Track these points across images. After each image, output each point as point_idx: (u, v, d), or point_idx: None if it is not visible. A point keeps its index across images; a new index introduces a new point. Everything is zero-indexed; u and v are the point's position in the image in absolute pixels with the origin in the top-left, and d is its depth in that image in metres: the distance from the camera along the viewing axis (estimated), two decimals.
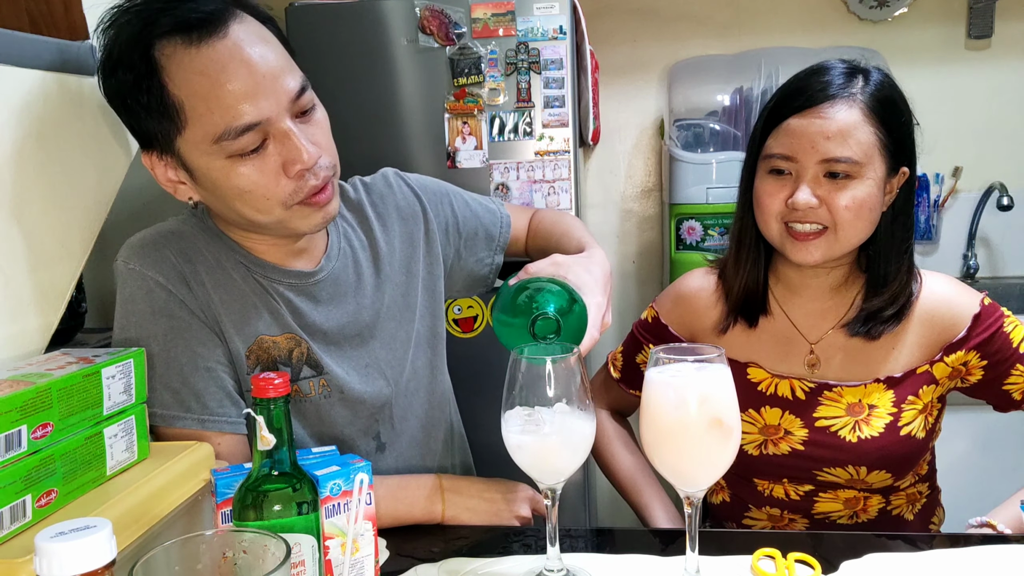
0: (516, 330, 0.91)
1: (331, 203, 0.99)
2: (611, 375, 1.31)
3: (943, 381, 1.12)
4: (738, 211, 1.18)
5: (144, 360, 0.86)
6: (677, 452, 0.81)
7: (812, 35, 2.43)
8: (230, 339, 1.00)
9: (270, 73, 0.90)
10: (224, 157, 0.91)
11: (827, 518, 1.14)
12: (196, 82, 0.88)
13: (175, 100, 0.89)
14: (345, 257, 1.11)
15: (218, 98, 0.88)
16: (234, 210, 0.96)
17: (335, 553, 0.80)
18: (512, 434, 0.82)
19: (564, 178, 1.98)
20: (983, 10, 2.36)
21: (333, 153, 0.99)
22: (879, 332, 1.11)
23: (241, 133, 0.89)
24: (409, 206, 1.20)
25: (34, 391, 0.70)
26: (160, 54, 0.88)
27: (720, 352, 0.80)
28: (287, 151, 0.92)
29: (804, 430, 1.12)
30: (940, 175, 2.44)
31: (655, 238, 2.60)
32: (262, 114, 0.89)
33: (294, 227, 0.98)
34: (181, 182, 0.98)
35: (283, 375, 0.71)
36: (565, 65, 1.95)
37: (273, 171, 0.92)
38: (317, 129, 0.97)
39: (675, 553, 0.92)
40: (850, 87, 1.06)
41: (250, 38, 0.91)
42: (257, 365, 1.02)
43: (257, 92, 0.89)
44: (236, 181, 0.92)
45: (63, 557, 0.50)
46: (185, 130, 0.90)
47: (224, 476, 0.79)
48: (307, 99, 0.95)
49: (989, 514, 1.05)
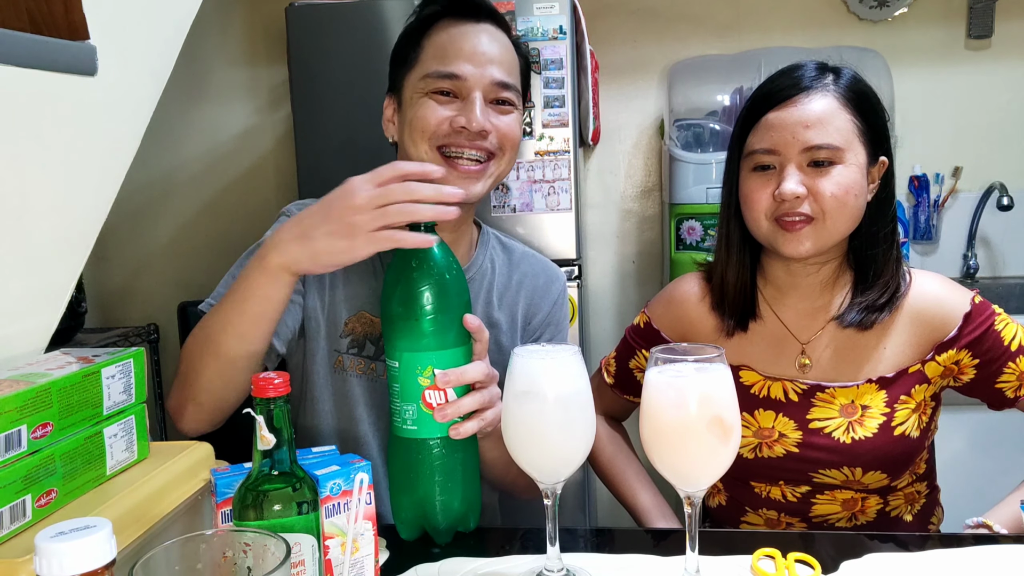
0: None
1: (473, 183, 1.12)
2: (604, 380, 1.31)
3: (935, 380, 1.12)
4: (722, 214, 1.19)
5: (144, 360, 0.86)
6: (677, 452, 0.81)
7: (812, 35, 2.43)
8: (335, 304, 1.15)
9: (486, 56, 1.12)
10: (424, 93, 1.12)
11: (825, 521, 1.14)
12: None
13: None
14: (479, 275, 1.23)
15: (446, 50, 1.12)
16: (403, 143, 1.14)
17: (335, 553, 0.80)
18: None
19: (564, 178, 1.98)
20: (983, 10, 2.36)
21: (506, 147, 1.14)
22: (871, 321, 1.11)
23: (443, 77, 1.10)
24: (536, 305, 1.27)
25: (34, 391, 0.70)
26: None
27: (720, 352, 0.80)
28: (464, 110, 1.11)
29: (798, 432, 1.12)
30: (940, 175, 2.44)
31: (655, 238, 2.60)
32: (464, 72, 1.10)
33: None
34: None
35: (283, 375, 0.71)
36: (565, 65, 1.95)
37: (443, 115, 1.10)
38: (502, 120, 1.13)
39: (675, 553, 0.92)
40: (823, 79, 1.09)
41: (495, 35, 1.15)
42: (351, 335, 1.15)
43: (472, 59, 1.11)
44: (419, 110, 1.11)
45: (63, 557, 0.50)
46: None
47: (224, 476, 0.79)
48: (508, 97, 1.14)
49: (986, 514, 1.05)
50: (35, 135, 0.90)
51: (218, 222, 2.64)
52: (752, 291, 1.18)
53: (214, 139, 2.65)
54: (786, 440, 1.12)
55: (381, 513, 1.08)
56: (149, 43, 0.98)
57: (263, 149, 2.64)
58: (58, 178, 0.93)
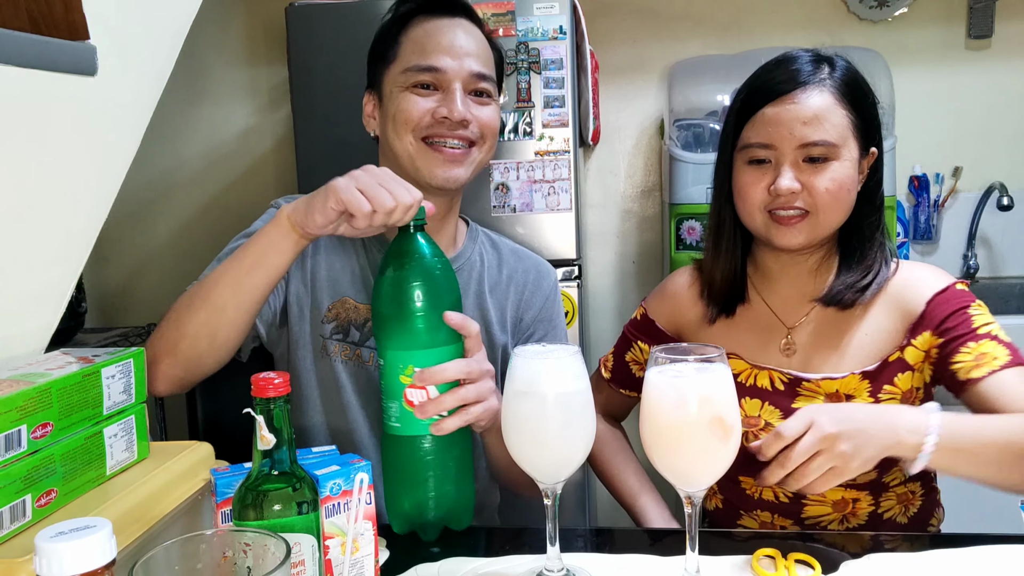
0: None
1: (456, 167, 1.16)
2: (602, 376, 1.32)
3: (919, 367, 1.10)
4: (714, 205, 1.20)
5: (144, 360, 0.86)
6: (678, 452, 0.81)
7: (812, 35, 2.43)
8: (317, 289, 1.18)
9: (463, 49, 1.16)
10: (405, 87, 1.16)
11: (818, 523, 1.14)
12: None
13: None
14: (467, 266, 1.25)
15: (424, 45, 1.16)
16: (387, 136, 1.18)
17: (335, 553, 0.80)
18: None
19: (564, 178, 1.98)
20: (983, 10, 2.36)
21: (487, 135, 1.19)
22: (851, 300, 1.11)
23: (423, 71, 1.14)
24: (527, 301, 1.28)
25: (34, 391, 0.70)
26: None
27: (720, 352, 0.80)
28: (445, 101, 1.14)
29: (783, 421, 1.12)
30: (940, 175, 2.44)
31: (655, 238, 2.60)
32: (444, 65, 1.14)
33: (418, 163, 1.15)
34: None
35: (283, 375, 0.71)
36: (565, 65, 1.95)
37: (425, 107, 1.14)
38: (482, 111, 1.18)
39: (675, 553, 0.92)
40: (819, 73, 1.09)
41: (469, 29, 1.19)
42: (335, 320, 1.18)
43: (450, 52, 1.15)
44: (401, 103, 1.15)
45: (63, 557, 0.50)
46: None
47: (224, 476, 0.79)
48: (486, 87, 1.18)
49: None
50: (35, 135, 0.89)
51: (218, 222, 2.64)
52: (742, 278, 1.19)
53: (214, 139, 2.65)
54: (771, 429, 1.12)
55: (381, 512, 1.08)
56: (149, 43, 0.98)
57: (263, 149, 2.64)
58: (58, 178, 0.93)
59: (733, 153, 1.14)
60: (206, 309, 1.02)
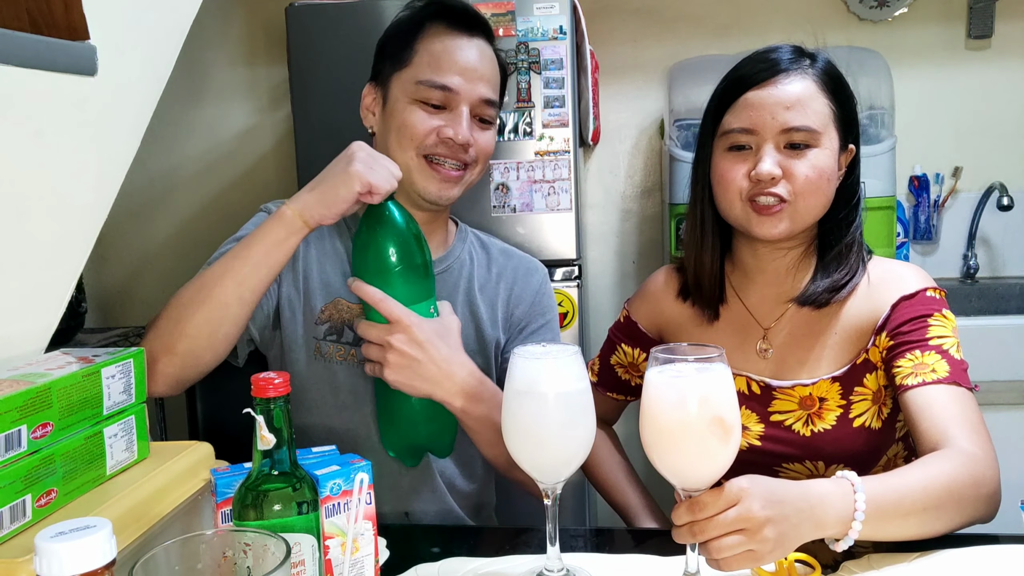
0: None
1: (451, 187, 1.19)
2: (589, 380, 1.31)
3: (880, 366, 1.09)
4: (693, 198, 1.18)
5: (144, 360, 0.86)
6: (678, 452, 0.81)
7: (812, 35, 2.42)
8: (309, 291, 1.20)
9: (477, 72, 1.18)
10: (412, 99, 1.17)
11: None
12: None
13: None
14: (457, 264, 1.27)
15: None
16: (387, 143, 1.19)
17: (335, 553, 0.80)
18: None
19: (564, 178, 1.98)
20: (983, 10, 2.36)
21: (480, 160, 1.21)
22: (826, 300, 1.10)
23: (436, 88, 1.16)
24: (517, 296, 1.30)
25: (34, 391, 0.70)
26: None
27: (720, 352, 0.80)
28: (451, 121, 1.17)
29: (760, 425, 1.12)
30: (940, 175, 2.44)
31: (655, 238, 2.60)
32: (456, 86, 1.16)
33: (415, 178, 1.18)
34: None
35: (283, 375, 0.71)
36: (565, 65, 1.95)
37: (432, 126, 1.16)
38: (483, 136, 1.21)
39: (675, 553, 0.92)
40: (800, 62, 1.10)
41: (484, 50, 1.21)
42: (328, 322, 1.19)
43: (464, 73, 1.17)
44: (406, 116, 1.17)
45: (63, 557, 0.50)
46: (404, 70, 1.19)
47: (224, 476, 0.79)
48: (490, 114, 1.21)
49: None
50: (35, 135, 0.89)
51: (218, 222, 2.64)
52: (721, 277, 1.19)
53: (214, 139, 2.65)
54: (749, 433, 1.12)
55: (381, 512, 1.08)
56: (149, 43, 0.98)
57: (263, 149, 2.64)
58: (58, 178, 0.93)
59: (712, 144, 1.13)
60: (208, 307, 1.03)
